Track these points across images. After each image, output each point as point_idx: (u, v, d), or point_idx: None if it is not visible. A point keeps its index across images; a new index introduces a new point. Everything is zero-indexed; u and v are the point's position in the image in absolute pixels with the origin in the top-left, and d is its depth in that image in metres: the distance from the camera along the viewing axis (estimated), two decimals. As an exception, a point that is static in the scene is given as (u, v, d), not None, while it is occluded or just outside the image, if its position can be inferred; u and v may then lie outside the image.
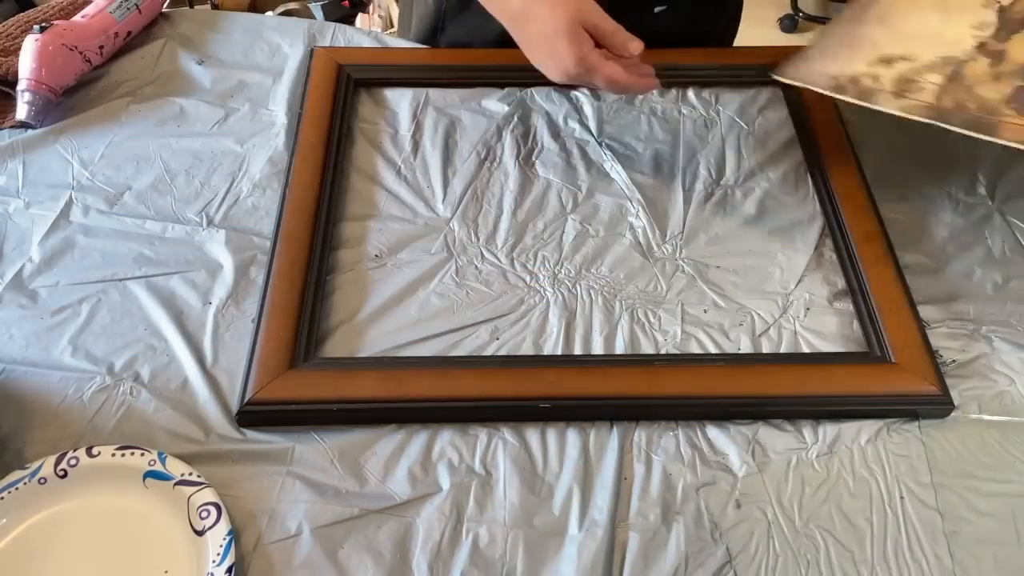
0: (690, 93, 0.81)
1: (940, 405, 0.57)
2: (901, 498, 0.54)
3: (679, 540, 0.51)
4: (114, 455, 0.52)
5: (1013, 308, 0.64)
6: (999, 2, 0.59)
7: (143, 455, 0.52)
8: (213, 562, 0.48)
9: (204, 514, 0.50)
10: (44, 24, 0.75)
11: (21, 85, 0.72)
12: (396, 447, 0.55)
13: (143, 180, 0.70)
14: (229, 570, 0.47)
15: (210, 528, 0.49)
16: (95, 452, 0.52)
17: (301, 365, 0.57)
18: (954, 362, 0.61)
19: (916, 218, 0.70)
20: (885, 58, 0.60)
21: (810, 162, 0.74)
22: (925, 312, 0.63)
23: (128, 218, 0.67)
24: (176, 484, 0.51)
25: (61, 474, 0.51)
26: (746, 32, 0.94)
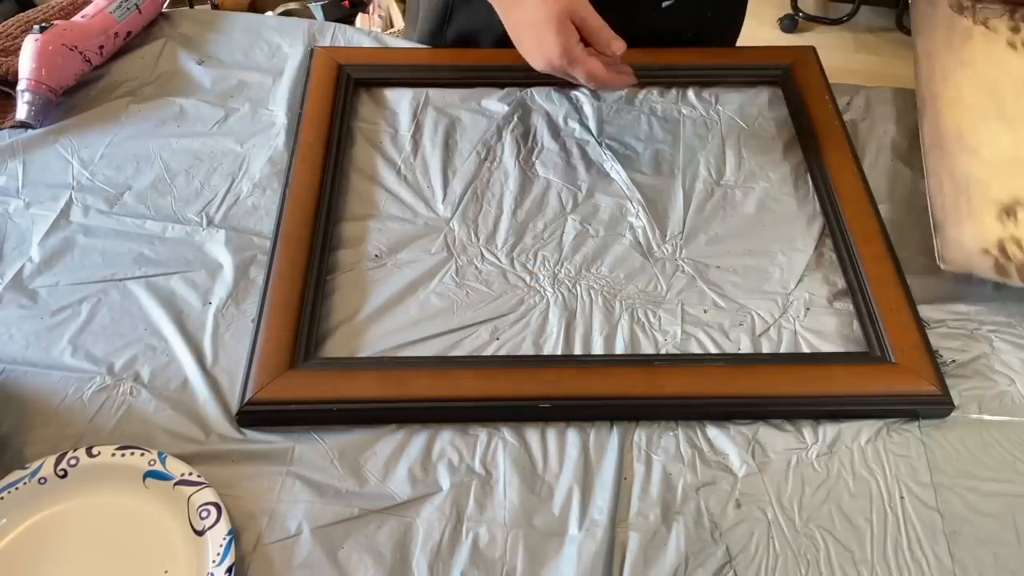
0: (690, 93, 0.81)
1: (940, 405, 0.57)
2: (901, 498, 0.54)
3: (679, 540, 0.51)
4: (114, 455, 0.52)
5: (1013, 308, 0.64)
6: None
7: (143, 455, 0.52)
8: (213, 562, 0.48)
9: (204, 514, 0.50)
10: (44, 24, 0.75)
11: (21, 85, 0.72)
12: (396, 447, 0.55)
13: (143, 180, 0.70)
14: (229, 570, 0.47)
15: (210, 528, 0.49)
16: (95, 452, 0.52)
17: (301, 365, 0.57)
18: (954, 362, 0.61)
19: (916, 218, 0.70)
20: (1005, 208, 0.65)
21: (810, 162, 0.74)
22: (925, 312, 0.63)
23: (128, 218, 0.67)
24: (176, 484, 0.51)
25: (61, 474, 0.51)
26: (746, 32, 0.94)
